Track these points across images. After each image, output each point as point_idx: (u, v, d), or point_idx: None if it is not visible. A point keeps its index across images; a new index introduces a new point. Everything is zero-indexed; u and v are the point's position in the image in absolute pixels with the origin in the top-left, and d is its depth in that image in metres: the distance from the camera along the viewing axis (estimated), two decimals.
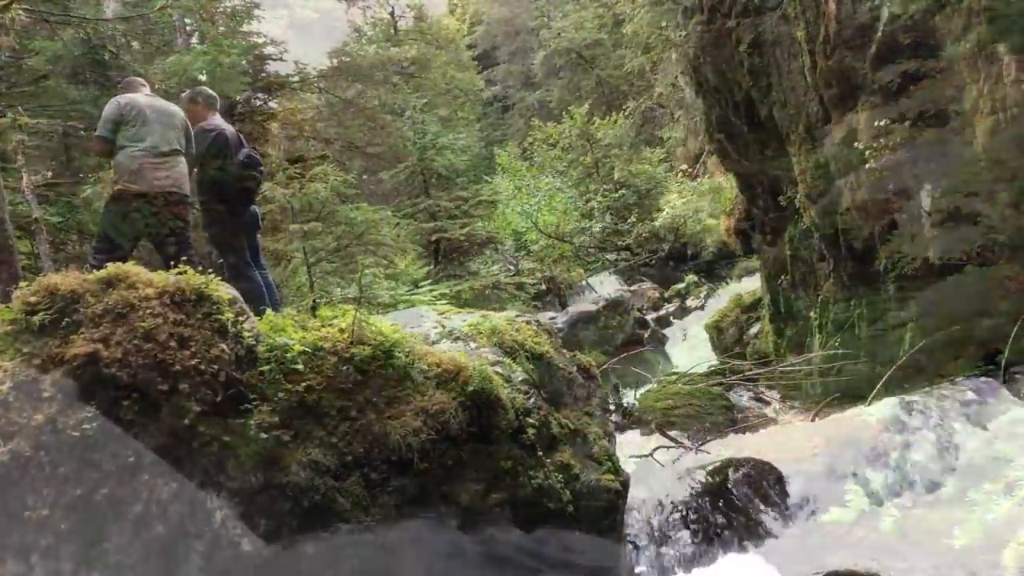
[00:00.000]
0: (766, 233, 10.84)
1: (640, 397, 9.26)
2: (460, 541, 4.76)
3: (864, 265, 8.63)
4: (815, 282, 9.87)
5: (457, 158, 17.49)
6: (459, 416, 4.87)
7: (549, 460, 5.16)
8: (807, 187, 8.90)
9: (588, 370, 6.21)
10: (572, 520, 5.11)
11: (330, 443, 4.50)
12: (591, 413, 5.89)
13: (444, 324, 5.98)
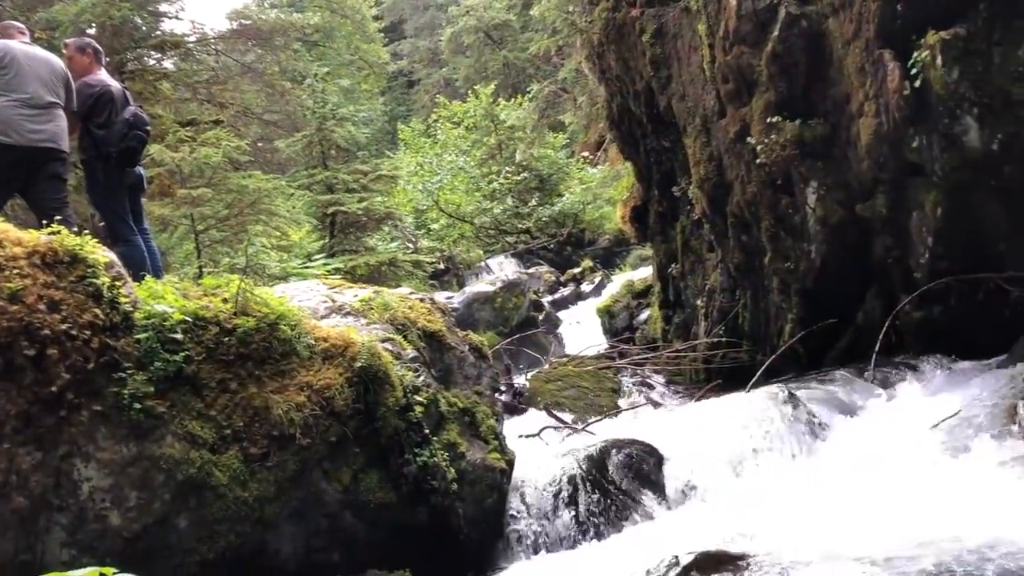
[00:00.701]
0: (659, 222, 11.07)
1: (531, 378, 9.36)
2: (342, 517, 4.72)
3: (751, 257, 8.92)
4: (703, 272, 10.14)
5: (358, 130, 17.21)
6: (345, 392, 4.82)
7: (436, 438, 5.17)
8: (700, 179, 9.13)
9: (480, 350, 6.24)
10: (456, 498, 5.13)
11: (208, 416, 4.38)
12: (481, 393, 5.92)
13: (334, 299, 5.89)
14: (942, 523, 4.23)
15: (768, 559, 4.04)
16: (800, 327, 8.31)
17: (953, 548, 3.84)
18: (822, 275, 8.06)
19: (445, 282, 19.37)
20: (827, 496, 5.25)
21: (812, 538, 4.32)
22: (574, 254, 20.72)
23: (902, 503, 4.68)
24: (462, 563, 5.13)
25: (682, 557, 4.07)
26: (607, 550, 5.19)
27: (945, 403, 6.09)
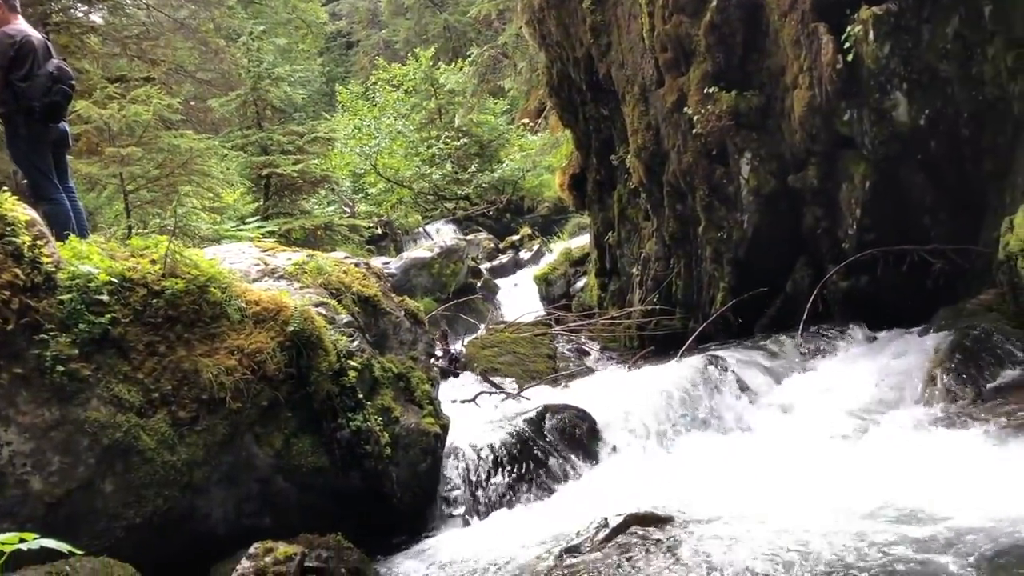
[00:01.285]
0: (597, 190, 11.12)
1: (468, 344, 9.38)
2: (273, 481, 4.69)
3: (685, 227, 9.03)
4: (639, 240, 10.24)
5: (294, 91, 16.84)
6: (277, 356, 4.77)
7: (370, 403, 5.16)
8: (637, 148, 9.19)
9: (416, 315, 6.22)
10: (390, 462, 5.13)
11: (135, 379, 4.30)
12: (416, 358, 5.91)
13: (267, 262, 5.80)
14: (856, 485, 4.39)
15: (691, 520, 4.15)
16: (731, 296, 8.46)
17: (861, 508, 4.00)
18: (754, 245, 8.21)
19: (383, 247, 19.21)
20: (751, 460, 5.40)
21: (733, 501, 4.44)
22: (513, 221, 20.72)
23: (820, 467, 4.83)
24: (396, 526, 5.16)
25: (611, 519, 4.14)
26: (539, 513, 5.26)
27: (868, 370, 6.29)
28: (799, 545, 3.63)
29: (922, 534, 3.58)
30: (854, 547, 3.53)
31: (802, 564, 3.45)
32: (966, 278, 7.01)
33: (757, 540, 3.74)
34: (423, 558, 4.58)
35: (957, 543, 3.42)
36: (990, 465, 4.36)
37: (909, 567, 3.30)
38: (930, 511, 3.87)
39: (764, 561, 3.52)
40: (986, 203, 6.97)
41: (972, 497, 3.94)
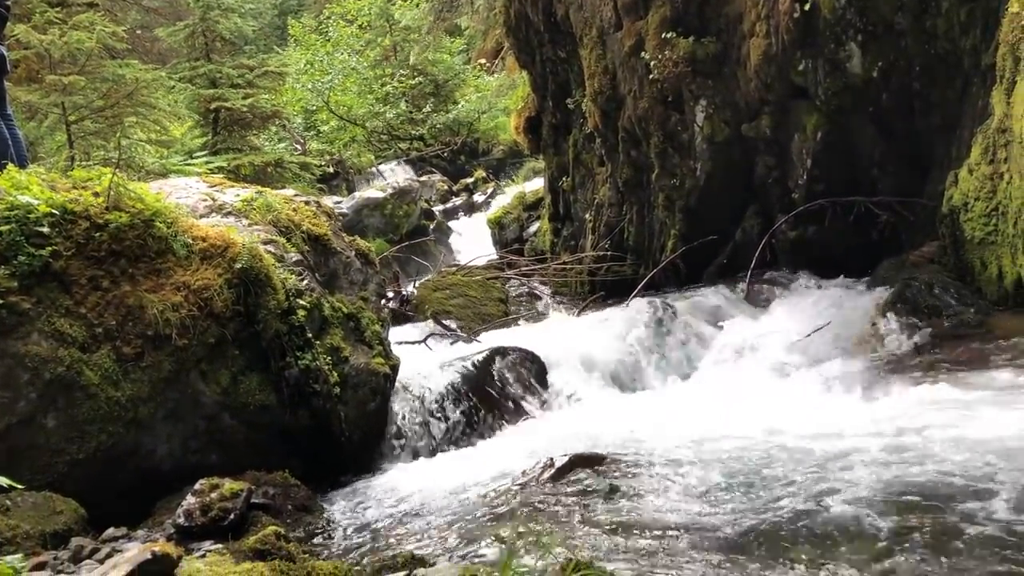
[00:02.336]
0: (552, 134, 11.06)
1: (419, 286, 9.36)
2: (220, 418, 4.67)
3: (639, 173, 9.05)
4: (593, 186, 10.25)
5: (245, 23, 16.28)
6: (224, 294, 4.70)
7: (319, 342, 5.13)
8: (594, 92, 9.13)
9: (367, 256, 6.18)
10: (339, 401, 5.14)
11: (78, 313, 4.22)
12: (366, 298, 5.88)
13: (215, 197, 5.69)
14: (788, 424, 4.53)
15: (635, 459, 4.24)
16: (682, 243, 8.55)
17: (792, 443, 4.15)
18: (706, 193, 8.27)
19: (334, 186, 18.92)
20: (695, 401, 5.53)
21: (676, 439, 4.55)
22: (468, 163, 20.53)
23: (759, 409, 4.96)
24: (344, 465, 5.18)
25: (557, 458, 4.22)
26: (487, 452, 5.32)
27: (812, 318, 6.43)
28: (729, 478, 3.76)
29: (837, 457, 3.76)
30: (781, 474, 3.67)
31: (730, 495, 3.56)
32: (910, 230, 7.16)
33: (692, 476, 3.86)
34: (370, 494, 4.63)
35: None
36: (915, 410, 4.51)
37: (820, 485, 3.45)
38: (852, 443, 4.04)
39: (695, 494, 3.63)
40: (933, 157, 7.09)
41: (887, 429, 4.14)
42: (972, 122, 6.37)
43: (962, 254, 6.16)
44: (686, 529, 3.33)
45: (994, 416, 4.11)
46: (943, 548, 2.87)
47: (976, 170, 6.00)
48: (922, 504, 3.22)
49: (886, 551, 2.91)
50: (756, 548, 3.09)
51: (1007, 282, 5.63)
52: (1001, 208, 5.68)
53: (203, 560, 3.16)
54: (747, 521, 3.32)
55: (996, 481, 3.33)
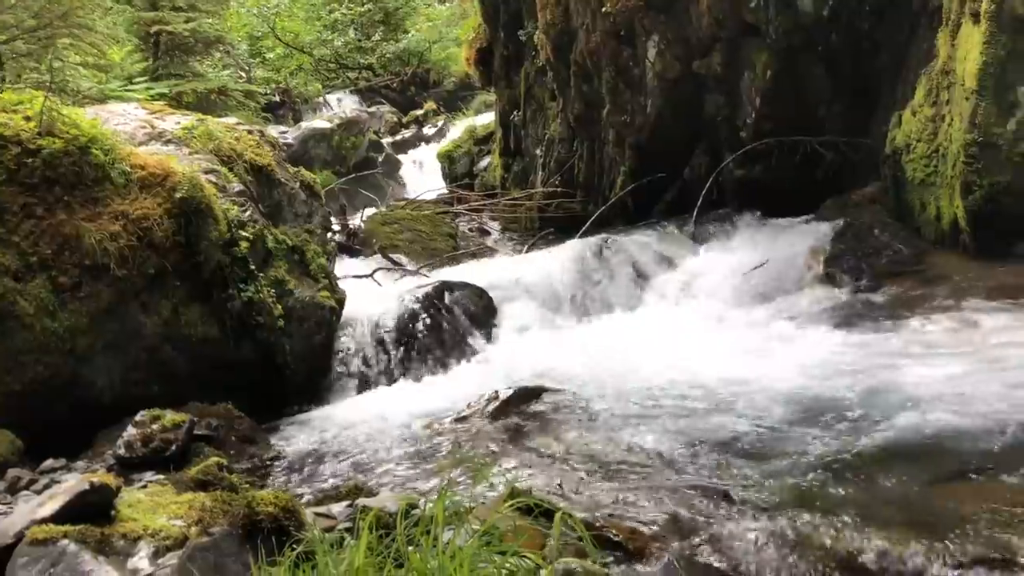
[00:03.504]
0: (504, 67, 10.91)
1: (367, 220, 9.26)
2: (162, 350, 4.61)
3: (590, 109, 8.99)
4: (545, 121, 10.17)
5: None
6: (164, 224, 4.61)
7: (262, 275, 5.08)
8: (546, 24, 8.99)
9: (312, 187, 6.08)
10: (283, 334, 5.11)
11: (11, 242, 4.11)
12: (312, 231, 5.81)
13: (154, 125, 5.54)
14: (729, 359, 4.64)
15: (578, 392, 4.32)
16: (631, 179, 8.55)
17: (731, 376, 4.26)
18: (656, 130, 8.26)
19: (280, 116, 18.48)
20: (640, 337, 5.61)
21: (619, 374, 4.63)
22: (418, 95, 20.17)
23: (703, 344, 5.07)
24: (290, 397, 5.18)
25: (502, 392, 4.27)
26: (434, 386, 5.36)
27: (756, 256, 6.53)
28: (660, 408, 3.86)
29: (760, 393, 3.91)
30: (702, 406, 3.80)
31: (661, 423, 3.67)
32: (854, 170, 7.24)
33: (630, 406, 3.95)
34: (315, 426, 4.64)
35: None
36: (851, 345, 4.65)
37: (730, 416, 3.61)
38: (783, 375, 4.16)
39: (632, 424, 3.72)
40: (879, 98, 7.15)
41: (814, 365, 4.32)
42: (918, 64, 6.42)
43: (903, 194, 6.27)
44: (624, 457, 3.41)
45: (907, 362, 4.24)
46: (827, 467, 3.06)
47: (919, 112, 6.08)
48: (821, 423, 3.36)
49: (785, 469, 3.05)
50: (684, 471, 3.18)
51: (944, 222, 5.76)
52: (941, 150, 5.78)
53: (144, 491, 3.15)
54: (677, 447, 3.42)
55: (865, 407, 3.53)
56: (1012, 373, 3.80)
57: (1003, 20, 5.17)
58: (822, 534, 2.57)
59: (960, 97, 5.50)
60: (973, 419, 3.34)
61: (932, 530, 2.51)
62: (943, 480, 2.89)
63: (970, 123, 5.30)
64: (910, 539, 2.47)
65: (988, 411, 3.40)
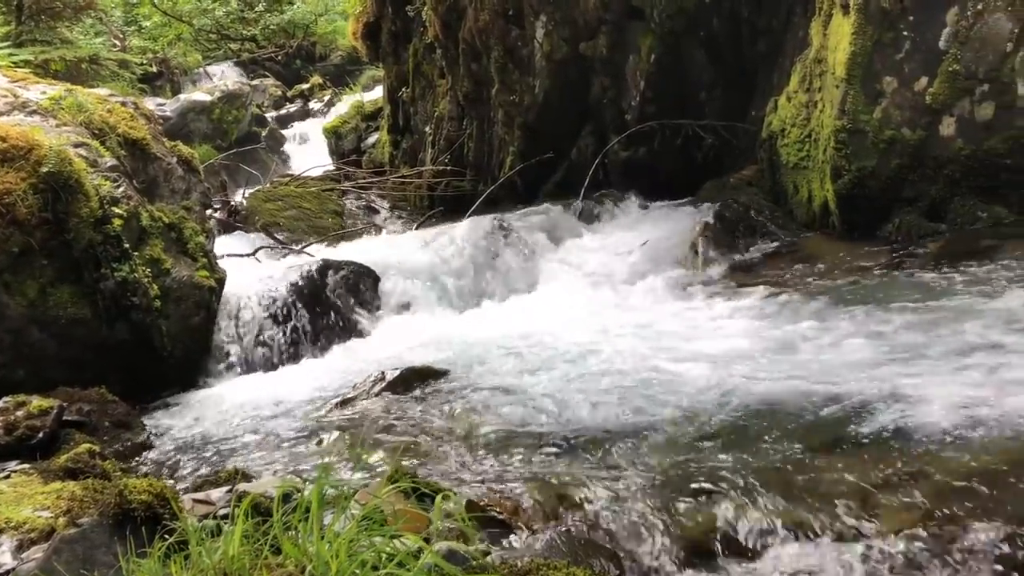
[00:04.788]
0: (392, 42, 10.75)
1: (249, 196, 9.00)
2: (28, 332, 4.39)
3: (479, 88, 8.98)
4: (434, 98, 10.09)
5: None
6: (29, 199, 4.39)
7: (137, 253, 4.88)
8: (434, 1, 8.91)
9: (190, 163, 5.87)
10: (160, 315, 4.94)
11: None
12: (190, 208, 5.61)
13: (17, 94, 5.23)
14: (610, 339, 4.75)
15: (466, 373, 4.33)
16: (520, 160, 8.60)
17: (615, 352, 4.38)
18: (544, 110, 8.32)
19: (157, 87, 17.70)
20: (527, 315, 5.68)
21: (504, 354, 4.67)
22: (303, 69, 19.66)
23: (587, 323, 5.17)
24: (167, 380, 5.01)
25: (388, 372, 4.24)
26: (319, 367, 5.28)
27: (639, 235, 6.69)
28: (554, 388, 3.92)
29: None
30: (590, 385, 3.92)
31: (549, 400, 3.75)
32: (733, 154, 7.50)
33: (518, 385, 4.00)
34: (194, 410, 4.51)
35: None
36: (708, 323, 4.84)
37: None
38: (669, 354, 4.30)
39: (519, 404, 3.78)
40: (757, 84, 7.41)
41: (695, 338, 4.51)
42: (793, 51, 6.67)
43: (778, 178, 6.53)
44: (511, 436, 3.45)
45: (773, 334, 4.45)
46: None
47: (794, 98, 6.32)
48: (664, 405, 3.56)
49: (663, 444, 3.18)
50: (569, 449, 3.25)
51: (815, 205, 6.03)
52: (814, 135, 6.03)
53: (7, 481, 3.00)
54: (562, 426, 3.49)
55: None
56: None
57: (870, 12, 5.42)
58: (699, 510, 2.66)
59: (831, 85, 5.74)
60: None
61: (809, 500, 2.64)
62: (810, 450, 3.03)
63: (840, 110, 5.55)
64: (788, 513, 2.59)
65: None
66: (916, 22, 5.34)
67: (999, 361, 3.50)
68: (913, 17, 5.34)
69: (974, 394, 3.18)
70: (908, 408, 3.15)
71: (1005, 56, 5.16)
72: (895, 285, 4.77)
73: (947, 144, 5.33)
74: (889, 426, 3.06)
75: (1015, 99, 5.15)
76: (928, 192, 5.44)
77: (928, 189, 5.43)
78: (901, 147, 5.41)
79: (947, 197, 5.40)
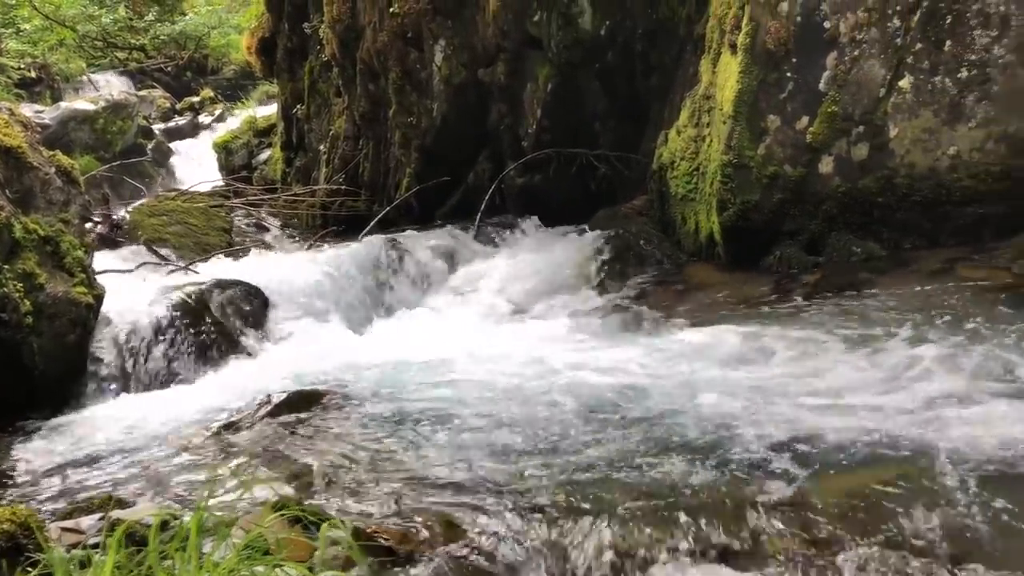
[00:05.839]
0: (288, 59, 10.60)
1: (133, 211, 8.66)
2: None
3: (376, 108, 8.94)
4: (329, 116, 9.99)
5: None
6: None
7: (8, 267, 4.63)
8: (332, 19, 8.83)
9: (70, 173, 5.62)
10: (32, 332, 4.69)
11: None
12: (68, 221, 5.36)
13: None
14: (504, 356, 4.77)
15: (356, 395, 4.26)
16: (417, 182, 8.58)
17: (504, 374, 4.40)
18: (441, 134, 8.34)
19: (36, 94, 16.88)
20: (420, 338, 5.64)
21: (398, 376, 4.63)
22: (194, 81, 19.16)
23: (478, 346, 5.17)
24: (39, 402, 4.75)
25: (275, 395, 4.13)
26: (202, 389, 5.10)
27: (534, 261, 6.75)
28: (446, 411, 3.90)
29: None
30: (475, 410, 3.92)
31: (442, 426, 3.73)
32: (625, 184, 7.67)
33: (408, 409, 3.96)
34: (68, 433, 4.28)
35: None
36: (607, 347, 4.93)
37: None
38: (556, 375, 4.34)
39: (409, 428, 3.74)
40: (649, 116, 7.62)
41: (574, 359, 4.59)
42: (684, 87, 6.90)
43: (667, 209, 6.71)
44: (400, 460, 3.40)
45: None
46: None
47: (683, 132, 6.52)
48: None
49: (560, 466, 3.21)
50: (460, 472, 3.23)
51: (702, 236, 6.22)
52: (702, 168, 6.23)
53: None
54: (454, 449, 3.47)
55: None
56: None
57: (756, 53, 5.66)
58: (594, 532, 2.68)
59: (719, 121, 5.96)
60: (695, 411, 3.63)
61: (692, 522, 2.69)
62: (690, 474, 3.10)
63: (726, 145, 5.75)
64: (672, 535, 2.64)
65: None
66: (799, 64, 5.59)
67: (875, 390, 3.68)
68: (796, 59, 5.59)
69: (845, 423, 3.32)
70: (780, 433, 3.27)
71: (879, 100, 5.46)
72: (773, 316, 4.95)
73: (826, 181, 5.59)
74: (760, 452, 3.15)
75: (887, 141, 5.45)
76: (808, 227, 5.68)
77: (808, 224, 5.67)
78: (783, 183, 5.65)
79: (825, 232, 5.65)
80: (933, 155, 5.39)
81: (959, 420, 3.22)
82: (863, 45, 5.47)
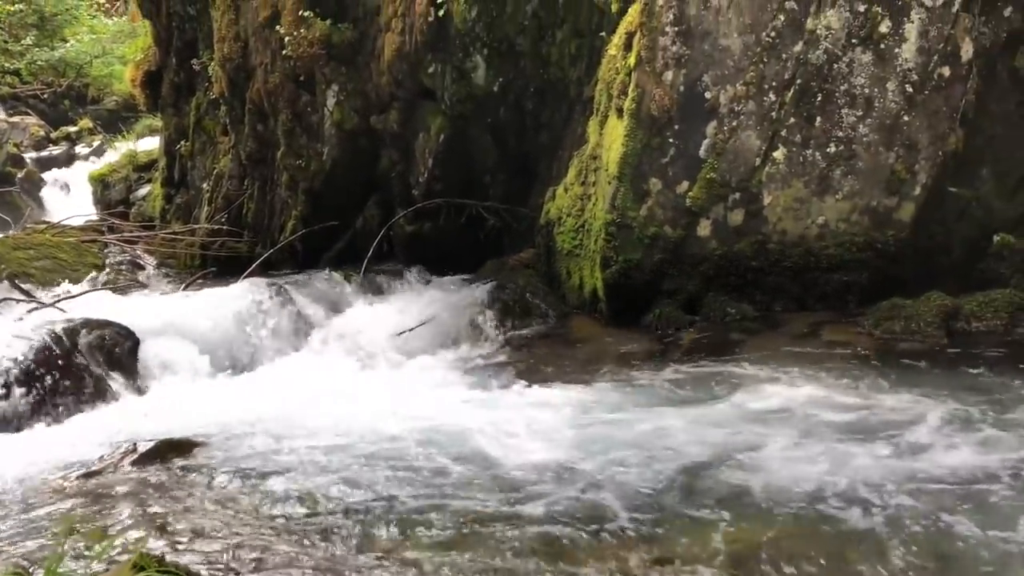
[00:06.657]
0: (174, 94, 10.32)
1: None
2: None
3: (264, 149, 8.78)
4: (214, 155, 9.74)
5: None
6: None
7: None
8: (222, 57, 8.67)
9: None
10: None
11: None
12: None
13: None
14: (385, 407, 4.72)
15: (229, 445, 4.12)
16: (303, 225, 8.45)
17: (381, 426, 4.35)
18: (331, 178, 8.26)
19: None
20: (294, 387, 5.52)
21: (276, 423, 4.50)
22: (72, 110, 18.38)
23: (358, 393, 5.11)
24: None
25: (141, 444, 3.95)
26: (63, 435, 4.83)
27: (419, 309, 6.72)
28: (323, 463, 3.82)
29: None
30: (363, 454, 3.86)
31: (317, 480, 3.64)
32: (513, 236, 7.77)
33: (282, 461, 3.85)
34: None
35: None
36: (460, 404, 4.94)
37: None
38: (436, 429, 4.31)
39: (282, 480, 3.64)
40: (538, 172, 7.77)
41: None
42: (572, 145, 7.08)
43: (553, 263, 6.83)
44: (273, 514, 3.30)
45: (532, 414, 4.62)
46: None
47: (570, 189, 6.68)
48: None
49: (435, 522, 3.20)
50: (333, 527, 3.16)
51: (586, 291, 6.35)
52: (587, 225, 6.38)
53: None
54: (327, 503, 3.40)
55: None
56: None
57: (641, 118, 5.87)
58: None
59: (604, 181, 6.13)
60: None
61: None
62: (574, 533, 3.12)
63: (611, 205, 5.92)
64: None
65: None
66: (681, 131, 5.83)
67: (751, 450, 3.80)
68: (678, 126, 5.83)
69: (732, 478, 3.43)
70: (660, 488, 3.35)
71: (754, 169, 5.74)
72: (649, 374, 5.08)
73: (703, 244, 5.82)
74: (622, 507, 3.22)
75: (762, 208, 5.73)
76: (686, 287, 5.88)
77: (686, 284, 5.87)
78: (663, 243, 5.84)
79: (702, 292, 5.86)
80: (803, 223, 5.70)
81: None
82: (741, 116, 5.76)
